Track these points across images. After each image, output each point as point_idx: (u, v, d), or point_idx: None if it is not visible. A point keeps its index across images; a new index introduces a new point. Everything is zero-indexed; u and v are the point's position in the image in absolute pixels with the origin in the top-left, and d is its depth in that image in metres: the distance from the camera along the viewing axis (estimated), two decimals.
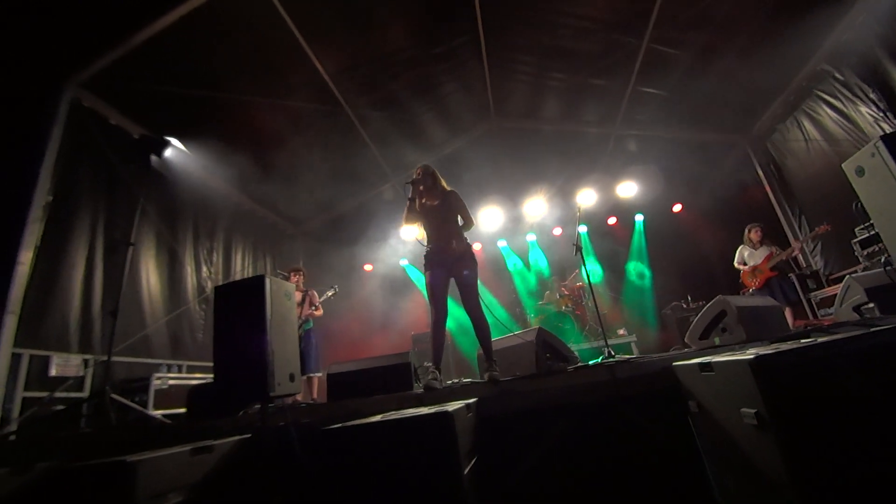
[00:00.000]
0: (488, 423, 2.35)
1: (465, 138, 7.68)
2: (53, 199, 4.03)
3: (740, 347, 2.59)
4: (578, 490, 2.29)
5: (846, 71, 5.18)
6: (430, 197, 3.59)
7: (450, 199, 3.58)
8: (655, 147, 7.62)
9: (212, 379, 3.86)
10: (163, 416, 3.87)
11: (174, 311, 5.33)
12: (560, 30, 5.49)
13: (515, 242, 9.45)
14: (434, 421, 1.60)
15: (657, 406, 2.29)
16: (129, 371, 4.52)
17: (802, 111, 6.01)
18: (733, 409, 1.69)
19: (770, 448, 1.53)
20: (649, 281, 8.83)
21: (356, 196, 7.98)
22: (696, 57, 5.65)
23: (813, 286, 5.84)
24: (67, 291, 4.11)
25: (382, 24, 4.99)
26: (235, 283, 2.65)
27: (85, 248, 4.35)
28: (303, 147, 6.08)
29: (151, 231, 5.20)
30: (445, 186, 3.67)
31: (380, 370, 3.07)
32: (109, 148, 4.61)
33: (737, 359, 1.66)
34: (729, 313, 2.99)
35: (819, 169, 5.92)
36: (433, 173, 3.66)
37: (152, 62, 4.33)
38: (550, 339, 3.13)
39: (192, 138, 4.97)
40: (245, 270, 6.86)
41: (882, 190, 2.09)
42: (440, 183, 3.66)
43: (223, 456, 2.11)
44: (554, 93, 6.77)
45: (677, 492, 2.23)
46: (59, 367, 3.92)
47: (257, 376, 2.19)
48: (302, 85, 5.35)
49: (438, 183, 3.65)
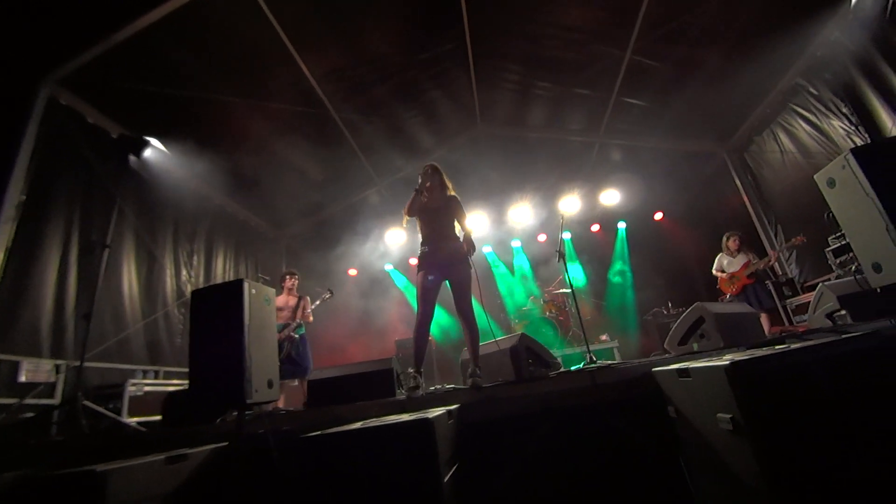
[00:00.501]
0: (471, 429, 2.34)
1: (451, 144, 7.71)
2: (27, 199, 3.90)
3: (717, 353, 2.64)
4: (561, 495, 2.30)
5: (820, 86, 5.36)
6: (433, 198, 3.59)
7: (451, 204, 3.58)
8: (638, 156, 7.78)
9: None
10: (137, 424, 3.77)
11: (152, 314, 5.19)
12: (545, 40, 5.58)
13: (500, 248, 9.50)
14: (414, 428, 1.59)
15: (638, 411, 2.32)
16: (102, 377, 4.37)
17: (778, 124, 6.20)
18: (710, 414, 1.72)
19: (745, 453, 1.56)
20: (631, 287, 8.96)
21: (341, 200, 7.93)
22: (675, 69, 5.80)
23: (788, 293, 5.99)
24: (39, 294, 3.97)
25: (370, 29, 4.99)
26: (213, 287, 2.59)
27: (59, 249, 4.22)
28: (287, 150, 6.03)
29: (129, 233, 5.06)
30: (450, 190, 3.67)
31: (362, 376, 3.05)
32: (87, 147, 4.50)
33: (713, 365, 1.69)
34: (707, 320, 3.05)
35: (794, 180, 6.10)
36: (441, 174, 3.67)
37: (134, 60, 4.25)
38: (533, 345, 3.14)
39: (172, 139, 4.87)
40: (226, 274, 6.73)
41: (852, 201, 2.16)
42: (446, 185, 3.67)
43: (199, 465, 2.06)
44: (539, 101, 6.85)
45: (657, 495, 2.25)
46: (29, 373, 3.78)
47: (234, 383, 2.14)
48: (288, 87, 5.31)
49: (444, 185, 3.66)
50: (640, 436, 2.27)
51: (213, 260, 6.53)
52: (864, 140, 4.88)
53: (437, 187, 3.61)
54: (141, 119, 4.80)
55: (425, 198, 3.56)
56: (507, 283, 9.36)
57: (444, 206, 3.57)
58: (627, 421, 2.30)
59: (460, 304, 3.30)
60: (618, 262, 9.20)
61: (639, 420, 2.29)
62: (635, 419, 2.30)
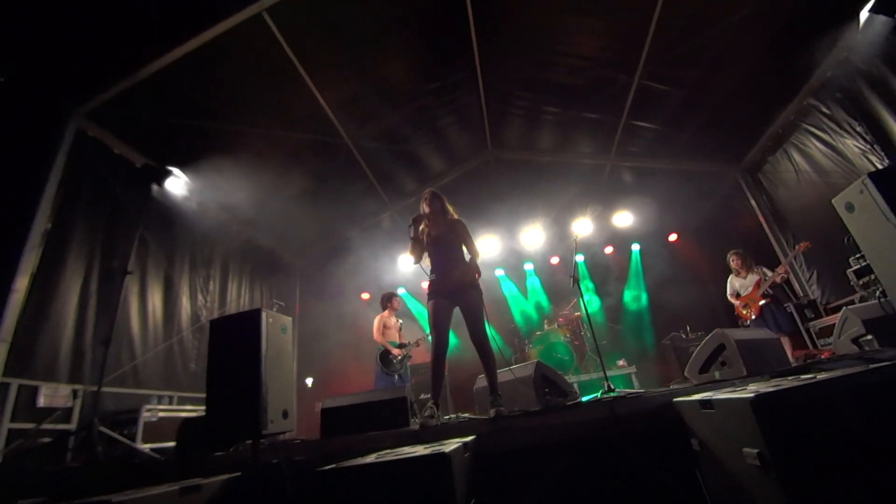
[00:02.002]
0: (486, 461, 2.29)
1: (463, 169, 7.81)
2: (52, 227, 4.03)
3: (741, 382, 2.57)
4: None
5: (832, 105, 5.34)
6: (435, 224, 3.51)
7: (457, 229, 3.50)
8: (650, 177, 7.76)
9: (203, 411, 3.79)
10: (151, 450, 3.76)
11: (167, 340, 5.25)
12: (553, 67, 5.69)
13: (513, 272, 9.46)
14: (429, 463, 1.56)
15: (659, 443, 2.25)
16: (118, 402, 4.40)
17: (792, 143, 6.16)
18: (735, 448, 1.66)
19: (773, 489, 1.50)
20: (647, 310, 8.81)
21: (354, 225, 8.02)
22: (685, 92, 5.83)
23: (811, 315, 5.82)
24: (60, 319, 4.05)
25: (383, 59, 5.15)
26: (231, 317, 2.62)
27: (80, 275, 4.32)
28: (301, 177, 6.15)
29: (149, 259, 5.17)
30: (454, 214, 3.60)
31: (376, 405, 3.01)
32: (112, 176, 4.66)
33: (737, 397, 1.64)
34: (728, 347, 2.98)
35: (811, 199, 6.01)
36: (441, 200, 3.60)
37: (157, 93, 4.42)
38: (549, 373, 3.09)
39: (192, 168, 5.05)
40: (241, 299, 6.80)
41: (873, 226, 2.12)
42: (448, 211, 3.59)
43: (212, 496, 2.04)
44: (549, 125, 6.93)
45: None
46: (47, 398, 3.82)
47: (250, 412, 2.14)
48: (303, 117, 5.47)
49: (446, 210, 3.58)
50: (662, 470, 2.19)
51: (229, 285, 6.62)
52: (881, 158, 4.82)
53: (438, 213, 3.54)
54: (163, 149, 4.97)
55: (425, 232, 3.48)
56: (520, 307, 9.28)
57: (448, 231, 3.49)
58: (648, 454, 2.23)
59: (473, 331, 3.23)
60: (632, 284, 9.08)
61: (660, 453, 2.21)
62: (657, 452, 2.22)
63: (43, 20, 3.55)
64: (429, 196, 3.57)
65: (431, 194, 3.60)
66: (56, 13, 3.54)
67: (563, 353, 7.12)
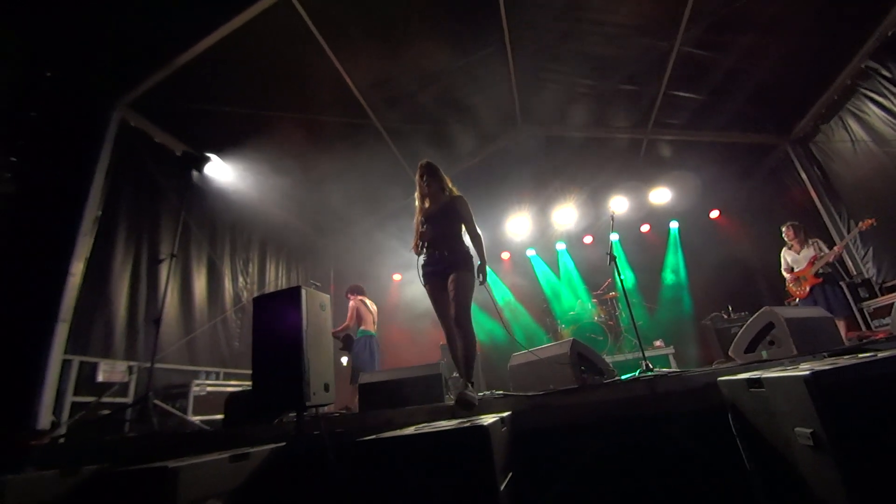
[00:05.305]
0: (522, 438, 2.30)
1: (493, 147, 7.68)
2: (102, 214, 4.26)
3: (791, 362, 2.45)
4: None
5: (894, 67, 4.89)
6: (434, 199, 3.20)
7: (455, 204, 3.15)
8: (690, 151, 7.40)
9: (248, 386, 3.97)
10: (201, 422, 4.00)
11: (213, 320, 5.51)
12: (586, 37, 5.44)
13: (545, 251, 9.33)
14: (470, 434, 1.57)
15: (701, 423, 2.19)
16: (169, 378, 4.69)
17: (848, 111, 5.70)
18: (786, 428, 1.59)
19: (828, 471, 1.43)
20: (686, 289, 8.52)
21: (385, 206, 8.08)
22: (730, 59, 5.47)
23: (865, 295, 5.49)
24: (114, 301, 4.32)
25: (410, 38, 5.07)
26: (273, 294, 2.71)
27: (130, 259, 4.57)
28: (333, 160, 6.22)
29: (192, 243, 5.41)
30: (453, 190, 3.25)
31: (411, 380, 3.07)
32: (154, 164, 4.86)
33: (790, 375, 1.57)
34: (777, 325, 2.84)
35: (868, 170, 5.59)
36: (437, 172, 3.22)
37: (193, 82, 4.55)
38: (585, 351, 3.05)
39: (229, 154, 5.18)
40: (279, 280, 7.04)
41: None
42: (446, 185, 3.24)
43: (259, 463, 2.15)
44: (582, 99, 6.69)
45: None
46: (105, 374, 4.11)
47: (293, 385, 2.22)
48: (333, 100, 5.50)
49: (444, 184, 3.23)
50: (704, 450, 2.14)
51: (267, 267, 6.85)
52: None
53: (433, 186, 3.18)
54: (201, 136, 5.13)
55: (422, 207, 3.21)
56: (552, 287, 9.17)
57: (444, 208, 3.15)
58: (690, 434, 2.18)
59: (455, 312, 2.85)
60: (670, 263, 8.78)
61: (703, 433, 2.15)
62: (699, 432, 2.16)
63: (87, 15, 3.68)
64: (422, 170, 3.19)
65: (426, 166, 3.21)
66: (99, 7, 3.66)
67: (598, 332, 7.02)
